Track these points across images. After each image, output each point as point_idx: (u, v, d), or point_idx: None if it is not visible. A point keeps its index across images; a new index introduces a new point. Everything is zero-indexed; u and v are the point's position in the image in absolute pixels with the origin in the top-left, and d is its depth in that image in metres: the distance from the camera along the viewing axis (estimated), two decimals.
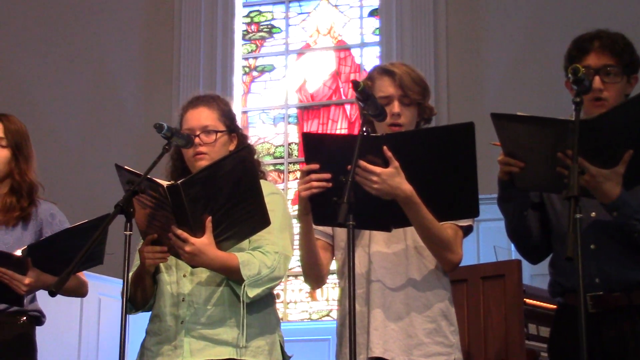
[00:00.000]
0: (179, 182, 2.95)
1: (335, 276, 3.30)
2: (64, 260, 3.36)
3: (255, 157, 3.46)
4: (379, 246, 3.13)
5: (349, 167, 2.74)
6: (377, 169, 2.86)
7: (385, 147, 2.88)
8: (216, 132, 3.35)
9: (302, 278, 3.40)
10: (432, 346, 3.06)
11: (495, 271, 5.01)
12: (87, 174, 8.66)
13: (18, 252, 3.43)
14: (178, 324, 3.18)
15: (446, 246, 3.04)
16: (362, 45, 8.98)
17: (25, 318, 3.70)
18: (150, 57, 9.02)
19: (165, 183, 2.98)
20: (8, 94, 8.76)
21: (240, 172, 3.07)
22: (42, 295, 2.96)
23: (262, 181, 3.31)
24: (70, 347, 6.81)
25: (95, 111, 8.98)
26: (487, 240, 7.06)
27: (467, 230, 3.15)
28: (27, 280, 3.41)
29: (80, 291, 3.81)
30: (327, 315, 8.24)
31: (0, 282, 3.41)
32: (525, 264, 4.53)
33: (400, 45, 8.41)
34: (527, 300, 4.88)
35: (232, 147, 3.40)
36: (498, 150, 3.06)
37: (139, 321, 3.34)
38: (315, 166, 2.89)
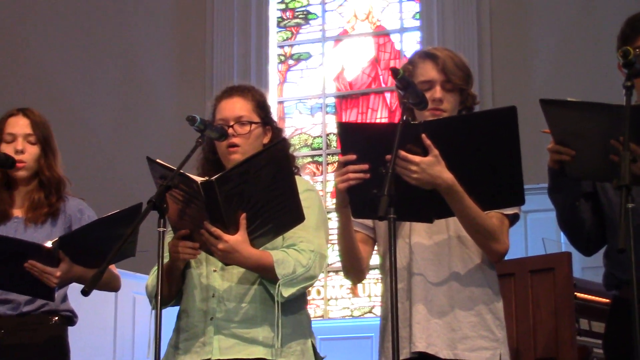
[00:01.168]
0: (213, 178, 2.94)
1: (377, 271, 3.29)
2: (95, 252, 3.38)
3: (290, 151, 3.45)
4: (420, 237, 3.12)
5: (388, 157, 2.72)
6: (416, 158, 2.85)
7: (424, 135, 2.86)
8: (250, 123, 3.34)
9: (342, 273, 3.38)
10: (477, 340, 3.05)
11: (544, 264, 4.98)
12: (119, 168, 8.71)
13: (48, 244, 3.44)
14: (207, 320, 3.19)
15: (491, 236, 3.02)
16: (402, 30, 8.95)
17: (57, 318, 3.73)
18: (182, 48, 9.05)
19: (199, 179, 2.98)
20: (38, 88, 8.83)
21: (275, 167, 3.06)
22: (76, 296, 2.96)
23: (297, 177, 3.30)
24: (105, 347, 6.86)
25: (126, 104, 9.03)
26: (535, 232, 7.02)
27: (513, 219, 3.12)
28: (58, 273, 3.43)
29: (112, 285, 3.82)
30: (370, 312, 8.22)
31: (30, 276, 3.41)
32: (575, 257, 4.50)
33: (442, 29, 8.37)
34: (578, 294, 4.84)
35: (266, 140, 3.40)
36: (547, 138, 3.03)
37: (174, 319, 3.34)
38: (352, 157, 2.88)
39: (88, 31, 9.23)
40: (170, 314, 3.35)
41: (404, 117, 2.86)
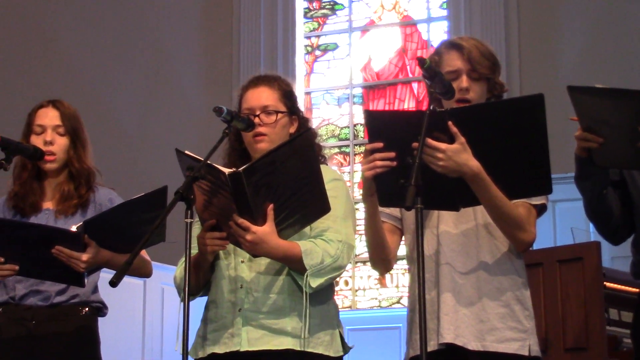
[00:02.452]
0: (240, 169, 2.95)
1: (405, 262, 3.29)
2: (122, 236, 3.40)
3: (316, 141, 3.45)
4: (448, 226, 3.11)
5: (414, 144, 2.72)
6: (443, 146, 2.84)
7: (450, 123, 2.85)
8: (277, 112, 3.35)
9: (369, 264, 3.38)
10: (506, 331, 3.04)
11: (573, 254, 4.96)
12: (146, 159, 8.74)
13: (73, 228, 3.45)
14: (235, 311, 3.19)
15: (518, 225, 3.01)
16: (429, 20, 8.92)
17: (87, 309, 3.75)
18: (209, 39, 9.06)
19: (226, 170, 2.98)
20: (67, 80, 8.87)
21: (301, 157, 3.06)
22: (105, 287, 2.98)
23: (323, 167, 3.29)
24: (134, 337, 6.90)
25: (154, 96, 9.06)
26: (563, 221, 6.99)
27: (541, 209, 3.11)
28: (84, 257, 3.44)
29: (143, 270, 3.82)
30: (398, 302, 8.22)
31: (59, 262, 3.44)
32: (604, 246, 4.48)
33: (469, 19, 8.33)
34: (608, 284, 4.82)
35: (292, 129, 3.40)
36: (574, 127, 3.02)
37: (202, 310, 3.36)
38: (379, 145, 2.88)
39: (116, 23, 9.26)
40: (199, 304, 3.36)
41: (431, 107, 2.86)
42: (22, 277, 3.64)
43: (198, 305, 3.35)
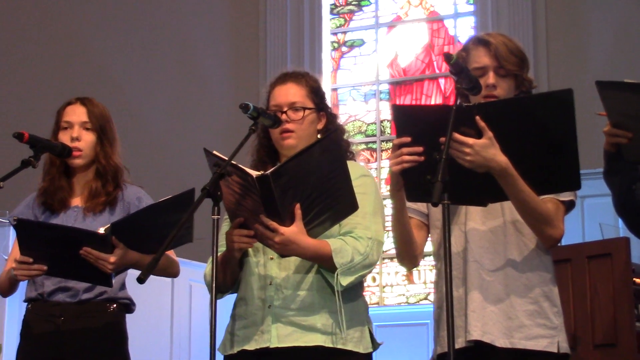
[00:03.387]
0: (268, 172, 2.94)
1: (432, 258, 3.28)
2: (150, 237, 3.41)
3: (345, 137, 3.45)
4: (475, 223, 3.10)
5: (442, 139, 2.71)
6: (470, 140, 2.83)
7: (477, 117, 2.84)
8: (304, 109, 3.34)
9: (396, 260, 3.37)
10: (534, 328, 3.03)
11: (601, 250, 4.94)
12: (174, 156, 8.77)
13: (101, 230, 3.47)
14: (265, 308, 3.19)
15: (546, 220, 2.99)
16: (456, 15, 8.89)
17: (115, 306, 3.76)
18: (236, 36, 9.08)
19: (254, 173, 2.97)
20: (92, 77, 8.91)
21: (329, 157, 3.05)
22: (134, 284, 2.99)
23: (352, 163, 3.29)
24: (162, 334, 6.92)
25: (181, 93, 9.08)
26: (592, 217, 6.96)
27: (569, 205, 3.10)
28: (112, 259, 3.45)
29: (170, 270, 3.83)
30: (425, 298, 8.21)
31: (87, 263, 3.45)
32: (634, 242, 4.46)
33: (496, 14, 8.30)
34: (637, 280, 4.80)
35: (320, 125, 3.39)
36: (603, 123, 2.99)
37: (230, 306, 3.36)
38: (407, 139, 2.87)
39: (143, 21, 9.29)
40: (228, 301, 3.37)
41: (458, 102, 2.85)
42: None
43: (227, 301, 3.36)
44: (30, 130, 3.70)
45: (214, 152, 3.05)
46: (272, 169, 2.95)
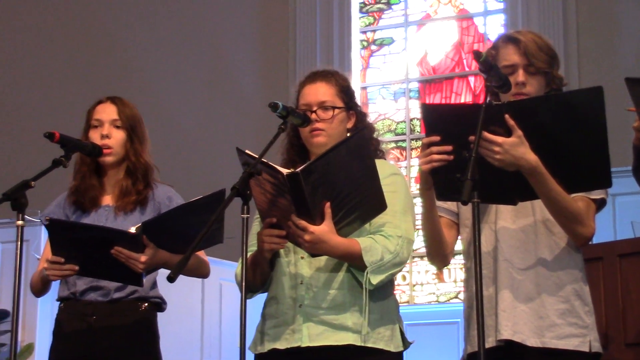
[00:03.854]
0: (298, 170, 2.95)
1: (462, 257, 3.27)
2: (181, 237, 3.42)
3: (375, 135, 3.45)
4: (506, 222, 3.09)
5: (471, 137, 2.71)
6: (499, 139, 2.82)
7: (507, 116, 2.83)
8: (334, 108, 3.34)
9: (427, 258, 3.37)
10: (566, 327, 3.01)
11: (633, 248, 4.91)
12: (204, 155, 8.80)
13: (132, 229, 3.48)
14: (296, 307, 3.20)
15: (577, 219, 2.98)
16: (486, 13, 8.85)
17: (146, 305, 3.78)
18: (265, 35, 9.09)
19: (284, 170, 2.98)
20: (124, 77, 8.95)
21: (357, 156, 3.06)
22: (164, 282, 3.01)
23: (381, 161, 3.29)
24: (193, 333, 6.94)
25: (211, 92, 9.11)
26: (623, 215, 6.91)
27: (600, 204, 3.08)
28: (143, 258, 3.47)
29: (200, 271, 3.84)
30: (456, 297, 8.19)
31: (118, 262, 3.47)
32: None
33: (526, 11, 8.26)
34: None
35: (350, 124, 3.39)
36: (633, 120, 2.97)
37: (261, 305, 3.37)
38: (436, 138, 2.87)
39: (174, 21, 9.32)
40: (259, 300, 3.38)
41: (487, 100, 2.84)
42: None
43: (257, 300, 3.36)
44: (61, 130, 3.72)
45: (247, 151, 3.06)
46: (302, 167, 2.96)
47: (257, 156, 3.01)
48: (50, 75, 9.44)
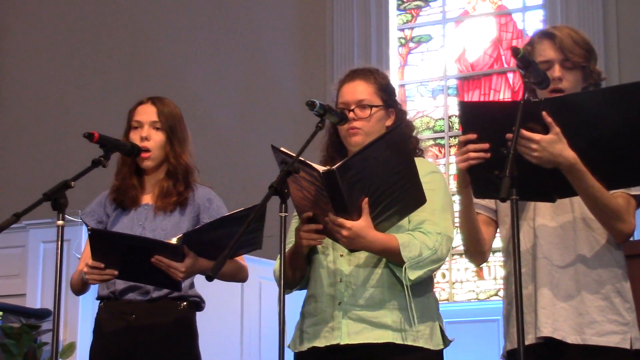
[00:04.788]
0: (334, 167, 2.95)
1: (502, 254, 3.26)
2: (221, 247, 3.41)
3: (414, 133, 3.44)
4: (545, 219, 3.08)
5: (509, 135, 2.70)
6: (537, 136, 2.81)
7: (544, 113, 2.82)
8: (371, 106, 3.34)
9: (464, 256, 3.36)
10: (606, 324, 2.99)
11: None
12: (243, 156, 8.82)
13: (173, 240, 3.51)
14: (335, 305, 3.20)
15: (616, 216, 2.96)
16: (524, 9, 8.80)
17: (185, 304, 3.79)
18: (303, 34, 9.10)
19: (320, 168, 2.99)
20: (164, 78, 9.00)
21: (395, 151, 3.06)
22: (203, 281, 3.02)
23: (420, 159, 3.29)
24: (232, 332, 6.96)
25: (250, 93, 9.12)
26: None
27: None
28: (183, 268, 3.49)
29: (239, 276, 3.86)
30: (495, 294, 8.15)
31: (158, 269, 3.50)
32: None
33: (566, 6, 8.20)
34: None
35: (389, 122, 3.39)
36: None
37: (300, 304, 3.38)
38: (473, 136, 2.87)
39: (211, 19, 9.35)
40: (297, 297, 3.39)
41: (525, 97, 2.84)
42: None
43: (296, 298, 3.37)
44: (103, 131, 3.75)
45: (282, 148, 3.07)
46: (338, 164, 2.97)
47: (293, 154, 3.02)
48: (90, 76, 9.50)
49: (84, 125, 5.10)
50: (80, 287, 3.82)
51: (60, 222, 3.41)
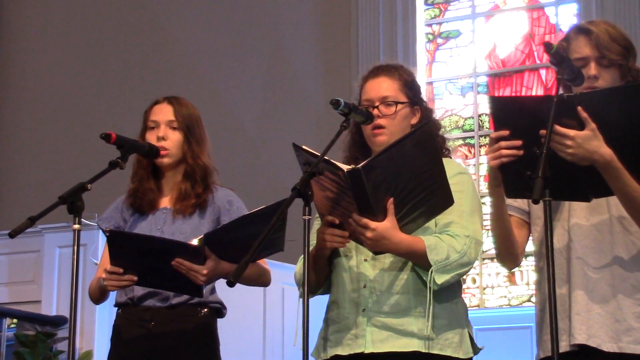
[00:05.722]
0: (359, 166, 2.95)
1: (534, 257, 3.25)
2: (243, 247, 3.42)
3: (441, 132, 3.44)
4: (579, 219, 3.07)
5: (542, 131, 2.69)
6: (572, 132, 2.80)
7: (579, 108, 2.81)
8: (396, 103, 3.34)
9: (496, 260, 3.35)
10: None
11: None
12: (265, 155, 8.83)
13: (194, 242, 3.51)
14: (359, 312, 3.19)
15: None
16: (557, 2, 8.78)
17: (206, 310, 3.79)
18: (326, 29, 9.10)
19: (345, 167, 2.99)
20: (184, 77, 9.03)
21: (421, 150, 3.05)
22: (225, 287, 3.03)
23: (448, 160, 3.28)
24: (254, 339, 6.97)
25: (272, 91, 9.14)
26: None
27: None
28: (204, 271, 3.49)
29: (261, 280, 3.86)
30: (528, 300, 8.13)
31: (179, 273, 3.50)
32: None
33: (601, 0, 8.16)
34: None
35: (414, 120, 3.39)
36: None
37: (323, 310, 3.38)
38: (505, 132, 2.86)
39: (233, 18, 9.38)
40: (320, 303, 3.38)
41: (559, 93, 2.83)
42: None
43: (319, 304, 3.37)
44: (120, 132, 3.75)
45: (304, 147, 3.07)
46: (363, 163, 2.96)
47: (316, 153, 3.01)
48: (108, 75, 9.55)
49: (100, 126, 5.13)
50: (98, 296, 3.82)
51: (76, 226, 3.41)
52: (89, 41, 9.71)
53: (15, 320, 6.90)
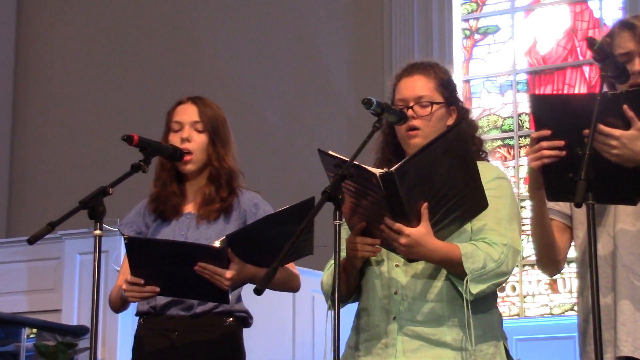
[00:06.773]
0: (392, 169, 2.94)
1: (575, 264, 3.24)
2: (267, 250, 3.42)
3: (477, 133, 3.42)
4: (625, 225, 3.05)
5: (586, 131, 2.67)
6: (617, 132, 2.79)
7: (625, 106, 2.79)
8: (432, 103, 3.33)
9: (537, 266, 3.34)
10: None
11: None
12: (294, 159, 8.85)
13: (216, 243, 3.51)
14: (390, 320, 3.18)
15: None
16: None
17: (231, 319, 3.78)
18: (358, 26, 9.11)
19: (377, 171, 2.98)
20: (211, 78, 9.06)
21: (457, 151, 3.04)
22: (253, 296, 3.02)
23: (484, 163, 3.27)
24: (283, 350, 6.97)
25: (300, 89, 9.16)
26: None
27: None
28: (229, 274, 3.48)
29: (290, 285, 3.86)
30: (571, 309, 8.10)
31: (203, 279, 3.50)
32: None
33: None
34: None
35: (450, 121, 3.37)
36: None
37: (351, 318, 3.37)
38: (547, 132, 2.85)
39: (261, 16, 9.40)
40: (349, 312, 3.37)
41: (603, 91, 2.81)
42: None
43: (347, 312, 3.36)
44: (141, 133, 3.75)
45: (330, 152, 3.06)
46: (396, 166, 2.95)
47: (343, 157, 3.00)
48: (131, 76, 9.60)
49: (122, 128, 5.14)
50: (119, 305, 3.81)
51: (97, 232, 3.42)
52: (110, 41, 9.76)
53: (34, 330, 6.93)
